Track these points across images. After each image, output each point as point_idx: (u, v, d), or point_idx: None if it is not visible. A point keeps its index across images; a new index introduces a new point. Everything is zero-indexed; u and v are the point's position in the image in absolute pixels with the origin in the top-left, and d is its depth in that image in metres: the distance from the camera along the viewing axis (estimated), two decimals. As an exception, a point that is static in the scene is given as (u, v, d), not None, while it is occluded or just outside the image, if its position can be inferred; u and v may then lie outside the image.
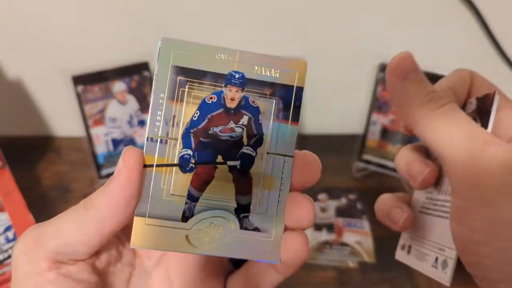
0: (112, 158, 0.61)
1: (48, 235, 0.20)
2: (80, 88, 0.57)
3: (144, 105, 0.61)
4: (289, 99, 0.21)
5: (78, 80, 0.57)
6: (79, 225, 0.20)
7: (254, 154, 0.21)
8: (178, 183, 0.21)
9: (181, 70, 0.20)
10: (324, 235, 0.54)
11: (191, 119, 0.21)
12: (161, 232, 0.20)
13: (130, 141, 0.62)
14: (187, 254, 0.23)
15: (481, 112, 0.24)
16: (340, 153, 0.70)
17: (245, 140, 0.21)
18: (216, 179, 0.21)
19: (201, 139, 0.21)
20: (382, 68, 0.57)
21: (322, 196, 0.61)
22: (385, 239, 0.53)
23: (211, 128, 0.21)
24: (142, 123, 0.62)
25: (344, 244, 0.53)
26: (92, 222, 0.20)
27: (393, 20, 0.64)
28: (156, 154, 0.20)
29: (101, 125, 0.60)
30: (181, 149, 0.21)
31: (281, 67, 0.21)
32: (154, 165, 0.20)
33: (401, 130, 0.59)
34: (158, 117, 0.20)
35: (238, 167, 0.21)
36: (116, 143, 0.61)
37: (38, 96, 0.69)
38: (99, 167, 0.60)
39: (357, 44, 0.65)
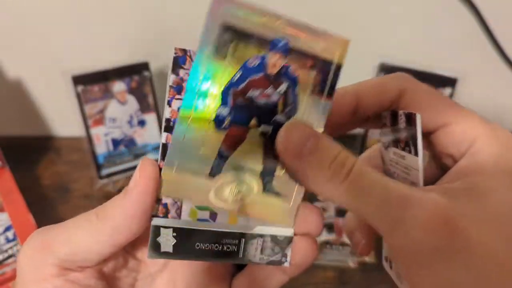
0: (112, 158, 0.61)
1: (58, 241, 0.20)
2: (80, 88, 0.57)
3: (144, 105, 0.61)
4: (327, 74, 0.21)
5: (78, 80, 0.57)
6: (92, 234, 0.20)
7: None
8: (210, 140, 0.21)
9: (229, 29, 0.20)
10: (324, 235, 0.54)
11: (231, 79, 0.21)
12: (187, 183, 0.21)
13: (130, 141, 0.62)
14: (192, 261, 0.24)
15: (411, 136, 0.22)
16: (340, 153, 0.70)
17: (280, 107, 0.21)
18: (247, 142, 0.21)
19: (238, 100, 0.21)
20: (382, 68, 0.57)
21: (322, 196, 0.61)
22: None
23: (250, 91, 0.21)
24: (142, 123, 0.62)
25: (344, 244, 0.53)
26: (106, 232, 0.20)
27: (393, 20, 0.64)
28: (194, 107, 0.20)
29: (101, 125, 0.60)
30: (219, 106, 0.21)
31: (325, 41, 0.21)
32: (190, 117, 0.20)
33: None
34: (201, 72, 0.20)
35: (269, 132, 0.21)
36: (116, 143, 0.61)
37: (38, 96, 0.69)
38: (99, 167, 0.60)
39: (357, 44, 0.65)
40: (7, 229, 0.48)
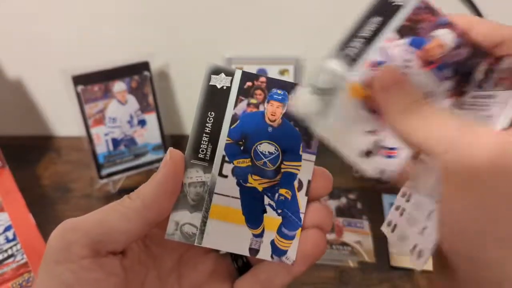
0: (112, 158, 0.61)
1: (91, 222, 0.21)
2: (80, 88, 0.57)
3: (144, 105, 0.61)
4: None
5: (78, 80, 0.57)
6: (124, 213, 0.21)
7: None
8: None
9: None
10: (324, 235, 0.54)
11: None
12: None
13: (130, 141, 0.62)
14: (199, 260, 0.25)
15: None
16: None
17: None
18: None
19: None
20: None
21: (322, 196, 0.61)
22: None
23: None
24: (142, 123, 0.62)
25: (344, 244, 0.53)
26: (137, 209, 0.21)
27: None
28: None
29: (101, 125, 0.60)
30: None
31: None
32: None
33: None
34: None
35: None
36: (116, 143, 0.61)
37: (38, 96, 0.69)
38: (99, 167, 0.60)
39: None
40: (7, 229, 0.48)
